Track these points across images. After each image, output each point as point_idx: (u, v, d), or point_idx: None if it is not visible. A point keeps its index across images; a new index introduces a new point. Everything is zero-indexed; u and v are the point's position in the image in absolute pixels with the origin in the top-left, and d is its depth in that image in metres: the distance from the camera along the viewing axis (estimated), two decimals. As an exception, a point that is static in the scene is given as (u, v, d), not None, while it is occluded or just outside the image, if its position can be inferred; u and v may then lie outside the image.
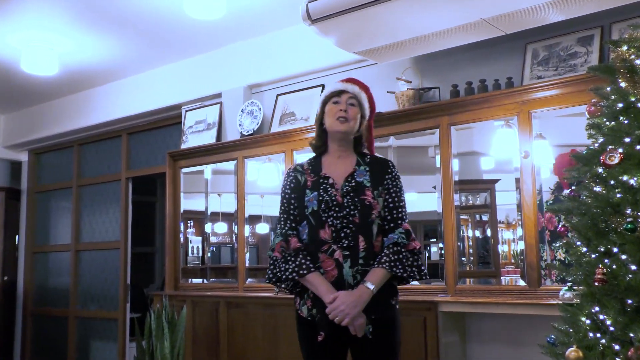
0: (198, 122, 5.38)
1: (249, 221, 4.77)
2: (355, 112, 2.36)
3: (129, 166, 6.47)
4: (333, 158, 2.37)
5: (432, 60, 4.12)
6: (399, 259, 2.18)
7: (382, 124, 3.97)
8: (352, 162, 2.35)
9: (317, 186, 2.29)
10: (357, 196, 2.24)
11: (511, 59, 3.79)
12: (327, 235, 2.21)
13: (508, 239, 3.62)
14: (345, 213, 2.21)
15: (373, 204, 2.24)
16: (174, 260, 5.15)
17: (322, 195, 2.25)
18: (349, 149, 2.38)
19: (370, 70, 4.45)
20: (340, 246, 2.19)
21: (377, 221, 2.23)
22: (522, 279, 3.41)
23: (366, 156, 2.39)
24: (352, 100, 2.37)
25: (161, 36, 5.03)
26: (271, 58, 4.96)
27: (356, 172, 2.31)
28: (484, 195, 3.85)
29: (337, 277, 2.18)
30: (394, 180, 2.34)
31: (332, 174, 2.31)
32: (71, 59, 5.46)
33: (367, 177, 2.30)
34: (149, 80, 5.88)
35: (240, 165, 4.80)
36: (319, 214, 2.22)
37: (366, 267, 2.17)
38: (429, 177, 3.88)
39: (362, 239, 2.19)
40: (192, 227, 5.29)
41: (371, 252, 2.19)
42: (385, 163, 2.38)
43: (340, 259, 2.18)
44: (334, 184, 2.28)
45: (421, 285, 3.82)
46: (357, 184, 2.27)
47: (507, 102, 3.51)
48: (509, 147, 3.49)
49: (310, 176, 2.33)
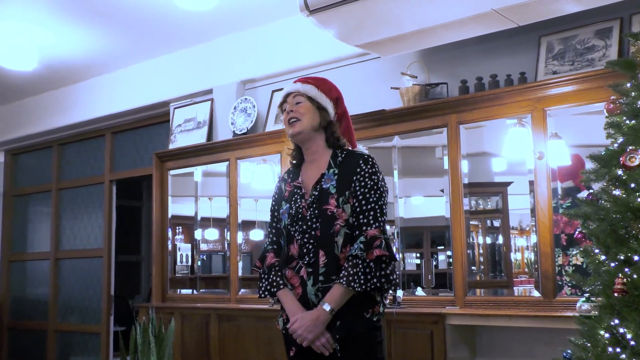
0: (187, 120, 5.38)
1: (242, 227, 4.77)
2: (304, 107, 2.29)
3: (113, 168, 6.46)
4: (308, 164, 2.34)
5: (439, 54, 4.13)
6: (355, 273, 2.12)
7: (386, 122, 3.97)
8: (323, 165, 2.29)
9: (291, 197, 2.29)
10: (319, 206, 2.20)
11: (524, 53, 3.79)
12: (295, 250, 2.23)
13: (521, 246, 3.62)
14: (307, 227, 2.20)
15: (337, 213, 2.17)
16: (162, 270, 5.15)
17: (292, 207, 2.26)
18: (318, 148, 2.30)
19: (372, 65, 4.45)
20: (305, 262, 2.20)
21: (342, 231, 2.17)
22: (536, 289, 3.41)
23: (341, 154, 2.29)
24: (297, 99, 2.31)
25: (148, 28, 5.04)
26: (266, 51, 4.97)
27: (324, 177, 2.26)
28: (495, 199, 3.85)
29: (302, 296, 2.21)
30: (363, 179, 2.20)
31: (304, 182, 2.30)
32: (51, 52, 5.46)
33: (333, 182, 2.22)
34: (134, 75, 5.88)
35: (232, 167, 4.80)
36: (288, 229, 2.25)
37: (327, 284, 2.16)
38: (436, 179, 3.88)
39: (322, 253, 2.17)
40: (181, 234, 5.28)
41: (333, 267, 2.16)
42: (356, 160, 2.25)
43: (305, 276, 2.20)
44: (304, 194, 2.27)
45: (428, 296, 3.82)
46: (322, 191, 2.22)
47: (520, 99, 3.51)
48: (522, 148, 3.50)
49: (289, 185, 2.34)
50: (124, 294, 7.72)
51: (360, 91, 4.41)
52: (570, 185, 3.35)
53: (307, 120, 2.29)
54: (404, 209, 3.99)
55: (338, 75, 4.55)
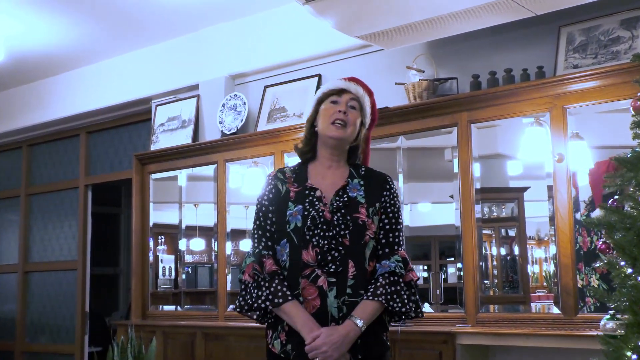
0: (171, 118, 5.38)
1: (231, 237, 4.76)
2: (355, 117, 2.34)
3: (89, 171, 6.45)
4: (322, 167, 2.36)
5: (449, 46, 4.14)
6: (396, 291, 2.18)
7: (390, 121, 3.98)
8: (343, 174, 2.34)
9: (302, 198, 2.27)
10: (349, 214, 2.23)
11: (542, 45, 3.80)
12: (310, 257, 2.20)
13: (539, 258, 3.62)
14: (335, 233, 2.20)
15: (367, 223, 2.23)
16: (142, 284, 5.14)
17: (307, 210, 2.24)
18: (341, 159, 2.37)
19: (375, 58, 4.46)
20: (326, 271, 2.17)
21: (370, 243, 2.23)
22: (555, 305, 3.41)
23: (360, 168, 2.39)
24: (353, 103, 2.35)
25: (127, 17, 5.03)
26: (258, 43, 4.97)
27: (349, 185, 2.30)
28: (510, 205, 3.86)
29: (320, 309, 2.16)
30: (392, 198, 2.33)
31: (320, 186, 2.30)
32: (19, 44, 5.45)
33: (361, 192, 2.29)
34: (112, 69, 5.87)
35: (221, 170, 4.80)
36: (303, 232, 2.22)
37: (355, 298, 2.16)
38: (445, 184, 3.88)
39: (352, 264, 2.18)
40: (164, 244, 5.27)
41: (362, 279, 2.19)
42: (383, 177, 2.37)
43: (324, 286, 2.17)
44: (322, 198, 2.27)
45: (436, 313, 3.81)
46: (350, 199, 2.26)
47: (537, 96, 3.52)
48: (539, 149, 3.50)
49: (294, 186, 2.32)
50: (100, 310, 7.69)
51: (362, 87, 4.41)
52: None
53: (351, 131, 2.34)
54: (409, 216, 3.99)
55: (337, 70, 4.56)
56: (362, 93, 2.39)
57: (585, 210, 3.36)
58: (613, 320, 2.70)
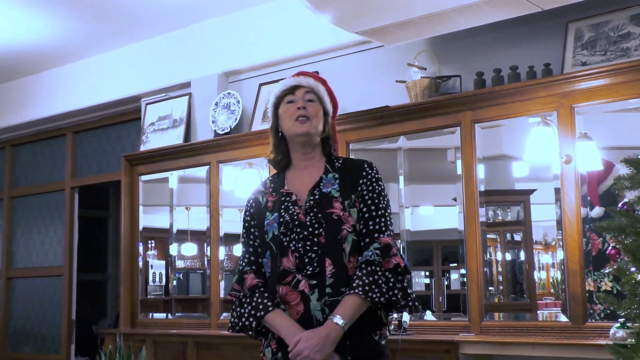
0: (161, 118, 5.37)
1: (225, 241, 4.76)
2: (316, 108, 2.35)
3: (75, 173, 6.45)
4: (297, 170, 2.39)
5: (452, 43, 4.14)
6: (374, 281, 2.16)
7: (391, 120, 3.98)
8: (319, 171, 2.35)
9: (278, 206, 2.30)
10: (321, 211, 2.23)
11: (549, 42, 3.80)
12: (291, 263, 2.21)
13: (546, 264, 3.62)
14: (308, 233, 2.21)
15: (343, 217, 2.22)
16: (131, 290, 5.13)
17: (282, 216, 2.26)
18: (315, 155, 2.38)
19: (375, 55, 4.46)
20: (305, 274, 2.18)
21: (350, 237, 2.22)
22: (563, 313, 3.42)
23: (337, 160, 2.38)
24: (309, 96, 2.37)
25: (116, 12, 5.03)
26: (252, 39, 4.97)
27: (322, 181, 2.31)
28: (516, 209, 3.86)
29: (304, 313, 2.17)
30: (370, 184, 2.30)
31: (296, 189, 2.33)
32: (2, 40, 5.44)
33: (335, 185, 2.29)
34: (100, 66, 5.87)
35: (213, 172, 4.80)
36: (279, 239, 2.24)
37: (336, 297, 2.16)
38: (447, 186, 3.88)
39: (329, 262, 2.18)
40: (154, 249, 5.26)
41: (342, 276, 2.18)
42: (359, 165, 2.35)
43: (306, 290, 2.17)
44: (297, 201, 2.29)
45: (439, 321, 3.81)
46: (323, 195, 2.27)
47: (544, 95, 3.53)
48: (546, 150, 3.51)
49: (272, 195, 2.35)
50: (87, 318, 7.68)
51: (361, 85, 4.41)
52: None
53: (316, 123, 2.35)
54: (410, 220, 3.99)
55: (335, 67, 4.56)
56: (314, 83, 2.40)
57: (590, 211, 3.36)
58: (623, 329, 2.70)
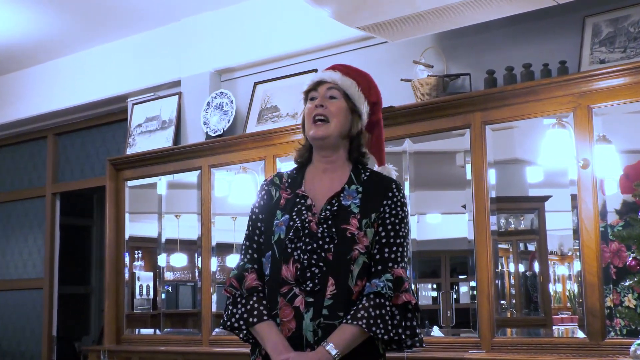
0: (149, 119, 5.38)
1: (217, 251, 4.75)
2: (338, 106, 2.28)
3: (57, 178, 6.44)
4: (317, 171, 2.32)
5: (461, 39, 4.14)
6: (380, 315, 2.11)
7: (395, 122, 3.98)
8: (341, 179, 2.29)
9: (291, 207, 2.25)
10: (336, 225, 2.19)
11: (565, 38, 3.81)
12: (290, 273, 2.17)
13: (562, 276, 3.62)
14: (317, 246, 2.17)
15: (358, 236, 2.17)
16: (116, 304, 5.12)
17: (293, 220, 2.21)
18: (338, 159, 2.31)
19: (378, 52, 4.46)
20: (304, 290, 2.15)
21: (360, 259, 2.17)
22: (580, 329, 3.41)
23: (365, 172, 2.32)
24: (331, 92, 2.30)
25: (100, 5, 5.03)
26: (247, 35, 4.98)
27: (344, 192, 2.25)
28: (529, 217, 3.86)
29: (295, 332, 2.14)
30: (394, 207, 2.24)
31: (312, 193, 2.28)
32: (-20, 34, 5.46)
33: (356, 200, 2.23)
34: (83, 63, 5.87)
35: (205, 177, 4.80)
36: (285, 244, 2.19)
37: (331, 321, 2.12)
38: (456, 192, 3.88)
39: (332, 281, 2.13)
40: (141, 260, 5.26)
41: (343, 300, 2.14)
42: (386, 183, 2.29)
43: (301, 307, 2.14)
44: (312, 206, 2.24)
45: (447, 337, 3.81)
46: (341, 208, 2.22)
47: (560, 94, 3.53)
48: (562, 154, 3.51)
49: (286, 192, 2.30)
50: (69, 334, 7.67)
51: (363, 84, 4.41)
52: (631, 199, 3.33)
53: (336, 124, 2.27)
54: (417, 229, 3.99)
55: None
56: (340, 78, 2.33)
57: (619, 219, 3.34)
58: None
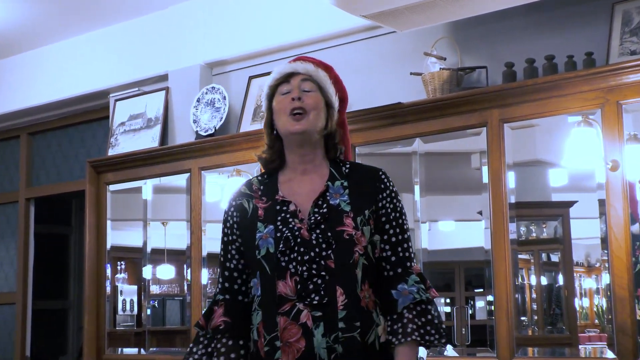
0: (133, 116, 5.37)
1: (208, 262, 4.74)
2: (315, 99, 2.28)
3: (31, 182, 6.44)
4: (294, 173, 2.32)
5: (476, 28, 4.14)
6: (428, 322, 2.18)
7: (404, 120, 3.97)
8: (322, 177, 2.30)
9: (273, 216, 2.24)
10: (330, 228, 2.19)
11: (592, 27, 3.80)
12: (289, 288, 2.16)
13: (589, 289, 3.61)
14: (315, 254, 2.17)
15: (356, 236, 2.19)
16: (97, 321, 5.11)
17: (280, 230, 2.21)
18: (316, 156, 2.32)
19: (385, 43, 4.46)
20: (309, 304, 2.15)
21: (361, 261, 2.18)
22: (610, 348, 3.40)
23: (344, 165, 2.34)
24: (306, 85, 2.30)
25: (80, -9, 5.04)
26: (241, 24, 4.97)
27: (329, 190, 2.26)
28: (552, 224, 3.85)
29: (305, 352, 2.13)
30: (391, 200, 2.28)
31: (294, 197, 2.27)
32: (-53, 24, 5.46)
33: (345, 197, 2.25)
34: (60, 55, 5.87)
35: (195, 181, 4.79)
36: (276, 258, 2.19)
37: (351, 333, 2.13)
38: (471, 197, 3.88)
39: (340, 291, 2.14)
40: (124, 272, 5.25)
41: (356, 308, 2.15)
42: (373, 173, 2.32)
43: (308, 323, 2.14)
44: (297, 212, 2.23)
45: (461, 356, 3.80)
46: (331, 209, 2.22)
47: (586, 89, 3.52)
48: (588, 155, 3.50)
49: (261, 201, 2.29)
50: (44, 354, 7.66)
51: (369, 78, 4.41)
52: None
53: (314, 117, 2.28)
54: (428, 237, 3.98)
55: (338, 57, 4.55)
56: (313, 69, 2.33)
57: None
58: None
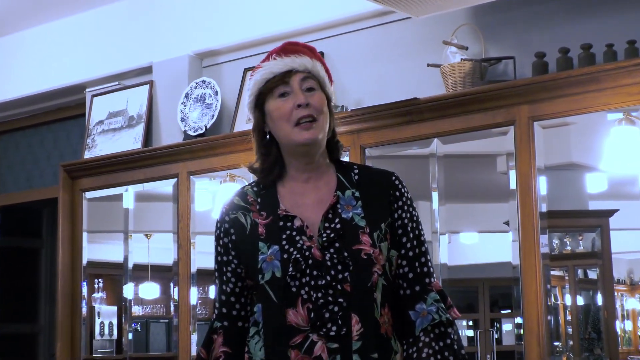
0: (113, 114, 5.37)
1: (198, 280, 4.74)
2: (320, 99, 2.24)
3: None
4: (296, 183, 2.29)
5: (502, 13, 4.14)
6: (447, 346, 2.18)
7: (421, 118, 3.97)
8: (328, 184, 2.28)
9: (277, 234, 2.21)
10: (346, 247, 2.17)
11: (635, 11, 3.81)
12: (301, 317, 2.15)
13: (632, 310, 3.60)
14: (330, 278, 2.15)
15: (374, 255, 2.17)
16: (71, 347, 5.11)
17: (287, 251, 2.18)
18: (322, 161, 2.29)
19: (399, 30, 4.46)
20: (324, 334, 2.14)
21: (380, 283, 2.17)
22: (655, 376, 3.41)
23: (352, 169, 2.32)
24: (309, 83, 2.25)
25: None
26: (235, 10, 4.98)
27: (340, 202, 2.23)
28: (590, 236, 3.85)
29: None
30: (407, 209, 2.26)
31: (299, 210, 2.24)
32: None
33: (358, 209, 2.23)
34: (30, 45, 5.88)
35: (183, 187, 4.79)
36: (285, 284, 2.17)
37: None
38: (497, 205, 3.88)
39: (356, 319, 2.14)
40: (102, 291, 5.25)
41: (373, 337, 2.15)
42: (385, 179, 2.29)
43: (323, 355, 2.13)
44: (304, 228, 2.20)
45: (486, 387, 3.80)
46: (345, 224, 2.20)
47: (628, 82, 3.52)
48: (631, 157, 3.50)
49: (261, 216, 2.25)
50: (11, 384, 7.68)
51: (381, 70, 4.41)
52: None
53: (324, 121, 2.24)
54: (447, 251, 3.98)
55: (345, 47, 4.57)
56: (310, 62, 2.29)
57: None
58: None
